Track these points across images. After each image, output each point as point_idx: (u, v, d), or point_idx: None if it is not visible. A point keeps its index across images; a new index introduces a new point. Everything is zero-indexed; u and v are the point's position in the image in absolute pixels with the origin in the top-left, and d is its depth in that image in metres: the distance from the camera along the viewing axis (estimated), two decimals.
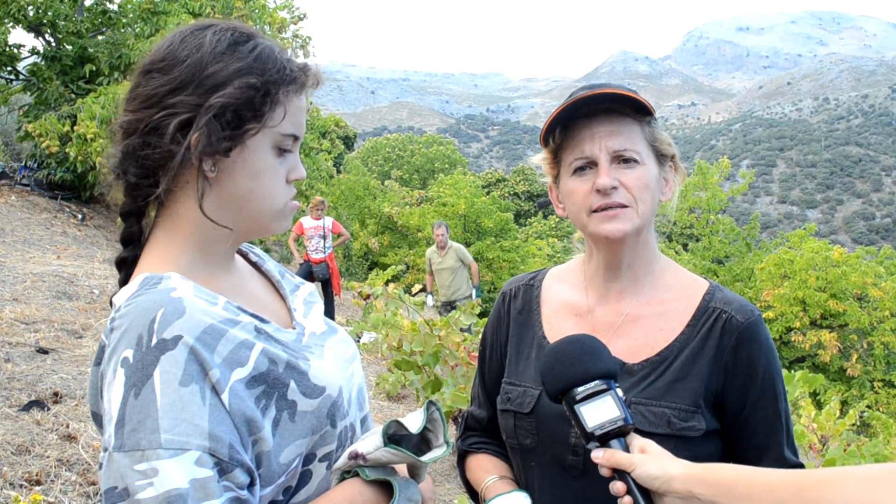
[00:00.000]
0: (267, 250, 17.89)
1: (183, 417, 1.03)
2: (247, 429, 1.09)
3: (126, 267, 1.25)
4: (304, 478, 1.21)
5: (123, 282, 1.25)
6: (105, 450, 1.05)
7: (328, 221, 11.82)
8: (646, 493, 1.17)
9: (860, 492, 0.95)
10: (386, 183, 41.23)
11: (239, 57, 1.18)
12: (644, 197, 1.45)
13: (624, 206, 1.43)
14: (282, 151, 1.23)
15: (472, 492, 1.67)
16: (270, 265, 1.47)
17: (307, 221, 11.76)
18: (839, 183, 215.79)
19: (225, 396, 1.08)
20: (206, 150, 1.15)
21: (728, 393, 1.44)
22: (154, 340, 1.06)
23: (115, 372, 1.06)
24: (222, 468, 1.04)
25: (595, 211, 1.44)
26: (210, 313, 1.12)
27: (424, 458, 1.23)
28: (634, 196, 1.44)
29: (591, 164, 1.45)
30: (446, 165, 50.09)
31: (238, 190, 1.20)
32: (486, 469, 1.63)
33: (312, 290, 1.51)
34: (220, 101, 1.14)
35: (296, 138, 1.25)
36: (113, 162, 1.21)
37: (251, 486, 1.10)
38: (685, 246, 30.58)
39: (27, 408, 4.44)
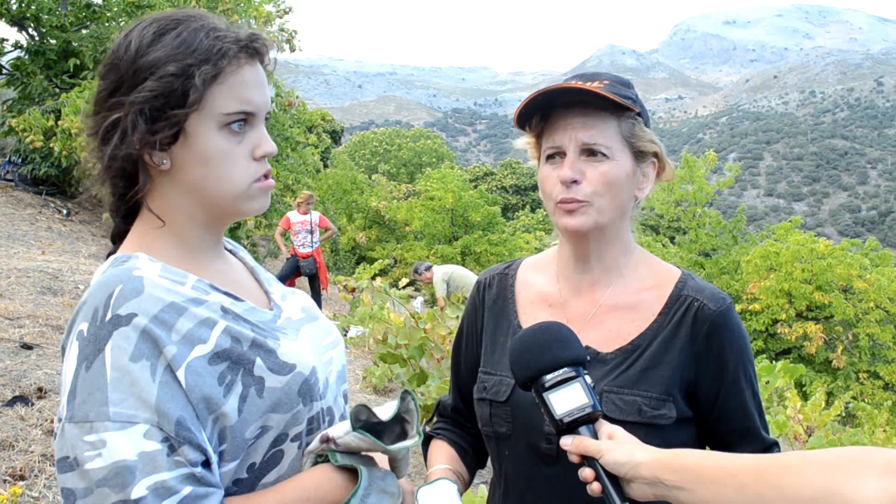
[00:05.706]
0: (254, 245, 17.85)
1: (131, 392, 1.05)
2: (205, 405, 1.11)
3: None
4: (276, 458, 1.21)
5: None
6: (59, 420, 1.08)
7: (315, 216, 11.81)
8: (614, 479, 1.19)
9: (818, 476, 0.98)
10: (373, 177, 41.20)
11: (161, 46, 1.18)
12: (607, 193, 1.44)
13: (580, 202, 1.43)
14: (236, 132, 1.21)
15: None
16: (243, 254, 1.49)
17: (294, 216, 11.74)
18: (825, 176, 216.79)
19: (181, 373, 1.09)
20: (142, 145, 1.16)
21: (701, 381, 1.45)
22: (109, 315, 1.08)
23: (72, 344, 1.10)
24: (171, 444, 1.06)
25: (559, 203, 1.46)
26: (174, 292, 1.15)
27: (392, 447, 1.23)
28: (597, 191, 1.43)
29: (561, 154, 1.46)
30: (434, 159, 50.14)
31: (192, 178, 1.20)
32: (437, 457, 1.66)
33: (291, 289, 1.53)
34: (140, 97, 1.15)
35: (248, 114, 1.22)
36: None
37: (208, 464, 1.11)
38: (672, 239, 30.73)
39: (11, 403, 4.43)
